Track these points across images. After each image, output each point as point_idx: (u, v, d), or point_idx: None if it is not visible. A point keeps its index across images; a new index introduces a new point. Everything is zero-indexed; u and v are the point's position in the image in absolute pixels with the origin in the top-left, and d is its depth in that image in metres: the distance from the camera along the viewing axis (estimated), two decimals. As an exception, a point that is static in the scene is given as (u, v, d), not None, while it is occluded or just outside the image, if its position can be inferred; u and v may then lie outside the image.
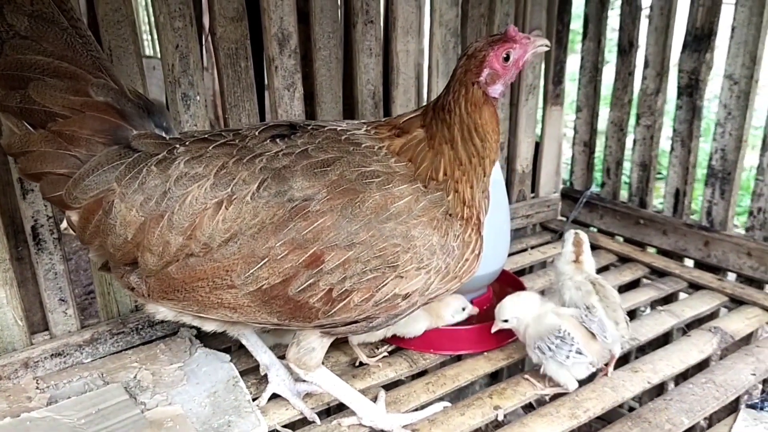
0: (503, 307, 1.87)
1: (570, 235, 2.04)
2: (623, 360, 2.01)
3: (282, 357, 1.79)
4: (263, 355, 1.79)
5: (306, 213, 1.35)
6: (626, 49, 2.63)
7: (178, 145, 1.45)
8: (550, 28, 2.77)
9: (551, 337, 1.74)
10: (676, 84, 2.48)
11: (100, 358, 1.93)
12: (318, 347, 1.58)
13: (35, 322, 1.92)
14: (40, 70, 1.37)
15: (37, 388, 1.79)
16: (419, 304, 1.52)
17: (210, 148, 1.44)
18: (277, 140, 1.44)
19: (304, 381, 1.75)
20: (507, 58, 1.38)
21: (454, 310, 1.97)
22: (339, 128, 1.48)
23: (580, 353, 1.72)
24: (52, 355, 1.87)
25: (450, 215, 1.45)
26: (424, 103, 2.65)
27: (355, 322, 1.48)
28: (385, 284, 1.41)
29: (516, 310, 1.85)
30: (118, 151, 1.42)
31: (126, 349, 1.97)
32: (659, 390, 2.29)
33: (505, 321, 1.86)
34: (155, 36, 4.99)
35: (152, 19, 4.89)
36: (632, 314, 2.35)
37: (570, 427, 1.70)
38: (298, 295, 1.39)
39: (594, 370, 1.79)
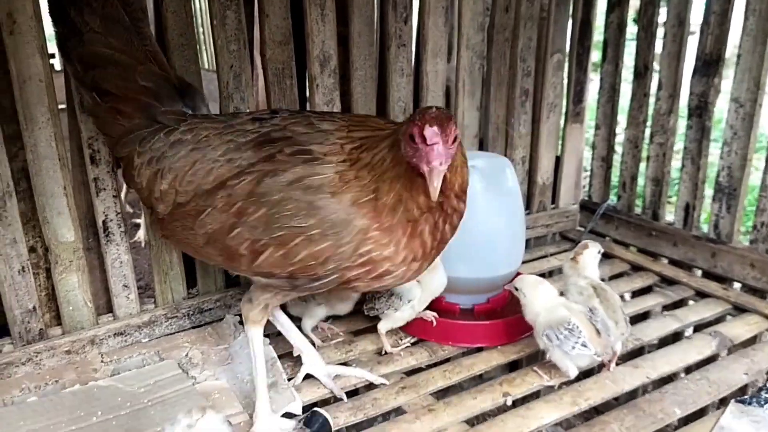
0: (523, 280, 2.10)
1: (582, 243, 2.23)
2: (627, 357, 2.19)
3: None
4: (297, 339, 2.03)
5: (241, 174, 1.64)
6: (642, 72, 2.82)
7: (189, 120, 1.79)
8: (571, 51, 2.97)
9: (561, 328, 1.92)
10: (687, 105, 2.66)
11: (156, 338, 2.19)
12: (255, 301, 1.81)
13: (101, 305, 2.18)
14: (105, 59, 1.75)
15: (102, 361, 2.05)
16: (340, 276, 1.64)
17: (204, 123, 1.77)
18: (257, 122, 1.74)
19: (334, 364, 2.00)
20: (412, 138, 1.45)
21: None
22: (312, 116, 1.74)
23: (585, 346, 1.91)
24: (115, 334, 2.13)
25: (376, 207, 1.56)
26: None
27: (281, 278, 1.68)
28: (296, 244, 1.59)
29: (528, 289, 2.07)
30: (146, 123, 1.78)
31: (178, 332, 2.23)
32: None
33: (516, 289, 2.10)
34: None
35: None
36: (644, 316, 2.53)
37: (571, 413, 1.89)
38: (230, 241, 1.66)
39: (598, 360, 1.97)
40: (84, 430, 1.74)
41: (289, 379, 1.97)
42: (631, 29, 2.89)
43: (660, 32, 2.74)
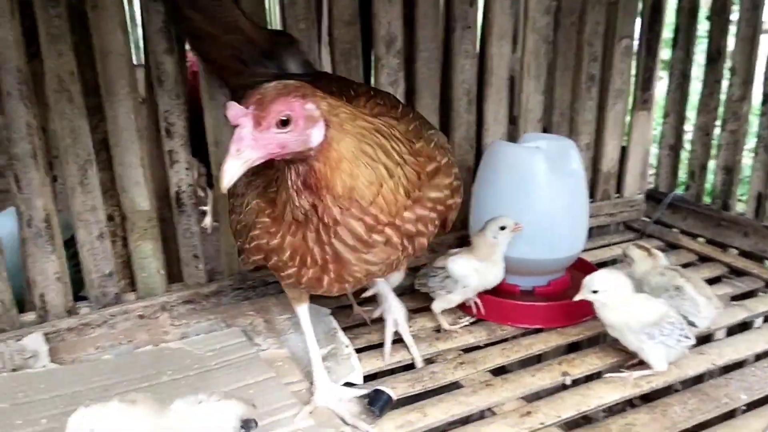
0: (595, 279, 1.91)
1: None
2: (693, 344, 2.14)
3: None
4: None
5: None
6: (714, 57, 2.74)
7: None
8: (641, 36, 2.92)
9: (663, 323, 1.83)
10: (762, 91, 2.57)
11: (222, 306, 2.28)
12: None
13: (172, 273, 2.28)
14: (195, 32, 1.93)
15: (172, 324, 2.14)
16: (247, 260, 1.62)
17: None
18: None
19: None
20: None
21: None
22: None
23: (688, 337, 1.85)
24: (185, 301, 2.22)
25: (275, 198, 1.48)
26: (515, 102, 2.88)
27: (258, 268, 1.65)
28: (250, 233, 1.53)
29: (608, 284, 1.89)
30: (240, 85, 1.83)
31: (243, 301, 2.30)
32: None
33: (595, 292, 1.90)
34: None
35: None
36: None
37: (632, 395, 1.86)
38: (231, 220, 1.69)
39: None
40: (154, 388, 1.82)
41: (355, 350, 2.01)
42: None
43: (734, 16, 2.66)
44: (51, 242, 1.99)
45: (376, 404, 1.75)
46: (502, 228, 2.11)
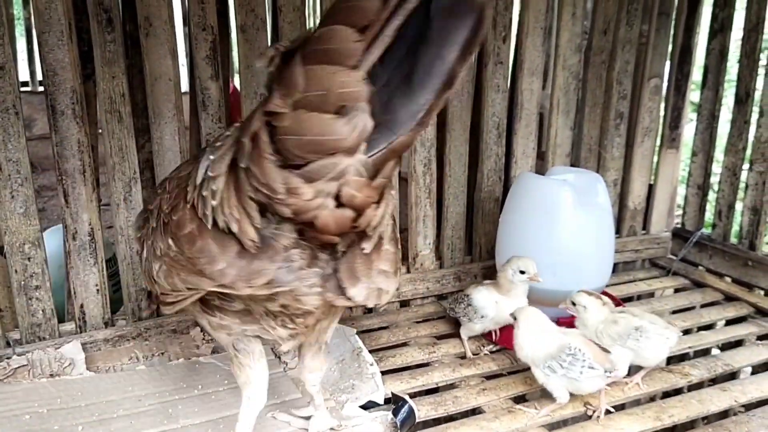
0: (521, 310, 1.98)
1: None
2: (717, 381, 2.16)
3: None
4: None
5: None
6: (743, 99, 2.78)
7: None
8: (670, 76, 2.97)
9: (562, 355, 1.83)
10: (790, 133, 2.60)
11: (253, 325, 2.34)
12: None
13: (205, 291, 2.35)
14: None
15: (203, 339, 2.20)
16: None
17: None
18: None
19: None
20: None
21: None
22: None
23: (592, 367, 1.81)
24: (216, 318, 2.29)
25: None
26: (543, 137, 2.94)
27: None
28: None
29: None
30: None
31: (273, 321, 2.36)
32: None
33: (573, 304, 2.04)
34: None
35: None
36: (737, 344, 2.46)
37: (653, 428, 1.88)
38: None
39: (610, 378, 1.88)
40: (186, 401, 1.88)
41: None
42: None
43: (763, 59, 2.71)
44: (94, 255, 2.08)
45: (398, 414, 1.79)
46: (522, 272, 2.16)
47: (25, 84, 6.12)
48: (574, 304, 2.06)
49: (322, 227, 1.12)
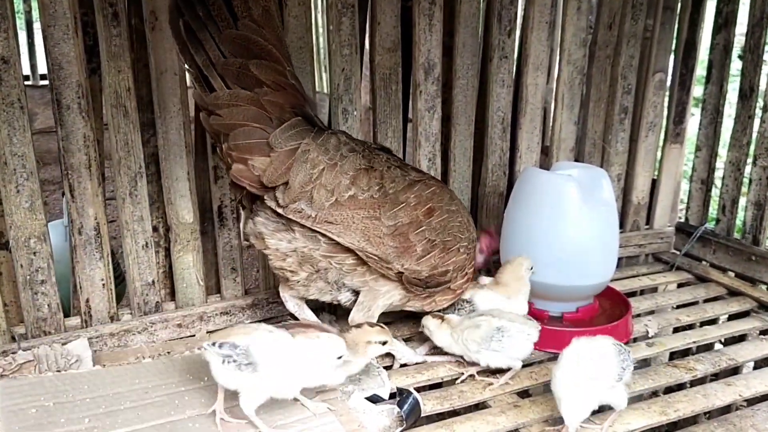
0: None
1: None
2: (720, 376, 2.17)
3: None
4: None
5: (424, 182, 2.03)
6: (747, 94, 2.78)
7: (329, 130, 1.96)
8: (674, 71, 2.97)
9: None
10: (795, 128, 2.60)
11: (257, 321, 2.34)
12: (376, 315, 2.07)
13: (210, 285, 2.36)
14: (260, 48, 1.78)
15: (208, 333, 2.20)
16: (452, 282, 2.12)
17: (351, 139, 1.99)
18: (384, 152, 2.07)
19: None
20: None
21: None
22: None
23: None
24: (222, 313, 2.29)
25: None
26: (548, 131, 2.95)
27: (419, 279, 2.02)
28: (451, 250, 2.05)
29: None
30: (306, 121, 1.88)
31: (277, 322, 2.36)
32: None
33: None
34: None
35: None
36: (740, 339, 2.48)
37: (659, 422, 1.88)
38: (413, 236, 1.97)
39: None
40: (192, 392, 1.89)
41: (385, 368, 2.06)
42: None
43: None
44: (99, 250, 2.08)
45: (404, 405, 1.80)
46: (530, 268, 2.22)
47: (26, 78, 6.10)
48: (423, 327, 2.13)
49: None
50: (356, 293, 2.06)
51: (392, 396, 1.91)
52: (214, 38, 1.76)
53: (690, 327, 2.53)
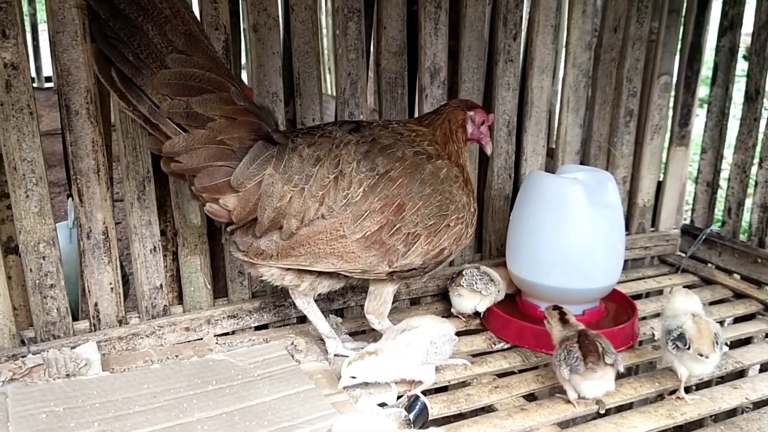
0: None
1: None
2: (727, 379, 2.17)
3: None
4: (322, 326, 2.14)
5: (389, 178, 1.87)
6: (753, 96, 2.78)
7: (294, 137, 1.87)
8: (679, 73, 2.97)
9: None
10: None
11: (264, 324, 2.35)
12: (389, 300, 2.09)
13: (217, 288, 2.36)
14: (197, 79, 1.68)
15: (217, 343, 2.22)
16: (453, 255, 2.05)
17: (316, 137, 1.88)
18: (352, 133, 1.92)
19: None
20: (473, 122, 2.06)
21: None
22: (384, 123, 2.01)
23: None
24: (229, 316, 2.30)
25: (464, 181, 2.02)
26: (553, 134, 2.96)
27: (414, 269, 1.97)
28: (439, 230, 1.94)
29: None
30: (265, 145, 1.79)
31: (285, 325, 2.39)
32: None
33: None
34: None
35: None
36: (746, 342, 2.47)
37: (665, 426, 1.88)
38: (389, 239, 1.89)
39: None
40: (200, 396, 1.90)
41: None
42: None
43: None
44: (108, 254, 2.10)
45: (412, 410, 1.80)
46: None
47: (31, 80, 6.11)
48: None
49: None
50: None
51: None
52: (153, 81, 1.67)
53: (696, 329, 2.53)
